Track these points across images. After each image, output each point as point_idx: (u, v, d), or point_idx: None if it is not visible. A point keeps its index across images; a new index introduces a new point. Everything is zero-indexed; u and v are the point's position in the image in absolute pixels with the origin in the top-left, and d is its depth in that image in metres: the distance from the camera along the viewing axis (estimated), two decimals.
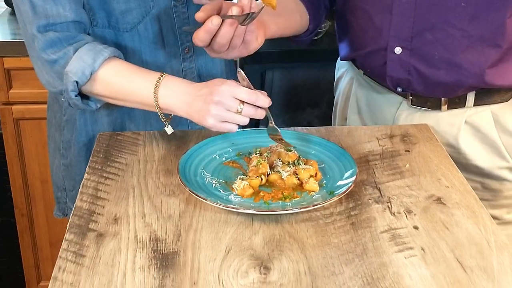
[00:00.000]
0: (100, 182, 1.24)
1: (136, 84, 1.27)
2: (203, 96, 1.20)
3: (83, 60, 1.27)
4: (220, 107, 1.18)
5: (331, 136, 1.40)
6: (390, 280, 0.99)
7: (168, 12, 1.40)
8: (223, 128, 1.20)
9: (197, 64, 1.48)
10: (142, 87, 1.26)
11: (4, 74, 2.08)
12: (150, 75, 1.27)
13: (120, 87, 1.29)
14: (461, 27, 1.34)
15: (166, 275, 1.00)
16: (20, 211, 2.27)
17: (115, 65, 1.29)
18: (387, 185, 1.23)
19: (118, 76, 1.29)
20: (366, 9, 1.44)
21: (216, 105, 1.18)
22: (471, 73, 1.38)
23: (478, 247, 1.06)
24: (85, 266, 1.02)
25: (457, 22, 1.34)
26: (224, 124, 1.20)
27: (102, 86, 1.29)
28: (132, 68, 1.30)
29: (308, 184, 1.20)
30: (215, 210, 1.15)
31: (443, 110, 1.46)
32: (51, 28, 1.28)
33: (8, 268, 2.47)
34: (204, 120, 1.20)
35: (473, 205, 1.17)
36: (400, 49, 1.41)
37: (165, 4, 1.38)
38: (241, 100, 1.19)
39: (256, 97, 1.19)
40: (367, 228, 1.11)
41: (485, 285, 0.98)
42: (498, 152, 1.45)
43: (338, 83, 1.69)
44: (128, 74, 1.28)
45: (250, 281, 0.98)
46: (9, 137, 2.16)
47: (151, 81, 1.25)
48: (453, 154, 1.43)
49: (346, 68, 1.64)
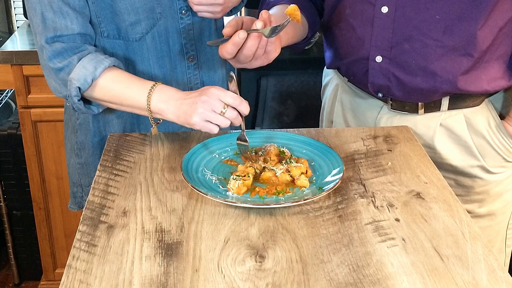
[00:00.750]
0: (110, 179, 1.23)
1: (132, 90, 1.28)
2: (192, 98, 1.21)
3: (86, 68, 1.28)
4: (207, 107, 1.19)
5: (320, 136, 1.39)
6: (374, 267, 0.99)
7: (175, 23, 1.39)
8: (205, 127, 1.20)
9: (201, 72, 1.48)
10: (137, 93, 1.27)
11: (24, 81, 2.08)
12: (145, 83, 1.28)
13: (117, 92, 1.30)
14: (436, 38, 1.34)
15: (170, 263, 0.99)
16: (38, 205, 2.27)
17: (114, 73, 1.30)
18: (371, 181, 1.22)
19: (116, 83, 1.30)
20: (349, 22, 1.43)
21: (203, 104, 1.19)
22: (445, 80, 1.37)
23: (454, 237, 1.06)
24: (96, 254, 1.02)
25: (432, 33, 1.34)
26: (207, 123, 1.20)
27: (102, 92, 1.30)
28: (129, 77, 1.31)
29: (300, 181, 1.19)
30: (215, 204, 1.15)
31: (420, 113, 1.45)
32: (58, 40, 1.30)
33: (27, 257, 2.47)
34: (189, 118, 1.20)
35: (449, 199, 1.17)
36: (381, 58, 1.41)
37: (171, 16, 1.38)
38: (226, 104, 1.19)
39: (240, 101, 1.20)
40: (353, 220, 1.11)
41: (460, 272, 0.98)
42: (470, 152, 1.45)
43: (325, 89, 1.69)
44: (125, 82, 1.30)
45: (246, 269, 0.98)
46: (27, 138, 2.16)
47: (146, 88, 1.27)
48: (430, 153, 1.42)
49: (332, 76, 1.64)
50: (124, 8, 1.33)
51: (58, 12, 1.29)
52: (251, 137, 1.34)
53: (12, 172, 2.30)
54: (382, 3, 1.35)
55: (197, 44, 1.45)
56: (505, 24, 1.34)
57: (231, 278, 0.96)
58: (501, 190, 1.50)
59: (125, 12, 1.33)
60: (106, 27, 1.35)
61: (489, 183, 1.48)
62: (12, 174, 2.31)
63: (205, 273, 0.97)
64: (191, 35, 1.43)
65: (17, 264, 2.49)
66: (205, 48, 1.47)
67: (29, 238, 2.41)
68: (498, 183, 1.49)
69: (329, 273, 0.97)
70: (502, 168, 1.47)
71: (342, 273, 0.97)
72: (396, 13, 1.35)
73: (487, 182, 1.48)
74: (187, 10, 1.40)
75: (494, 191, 1.49)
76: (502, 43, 1.37)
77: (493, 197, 1.50)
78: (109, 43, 1.37)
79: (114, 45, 1.37)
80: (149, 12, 1.35)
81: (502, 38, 1.36)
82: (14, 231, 2.41)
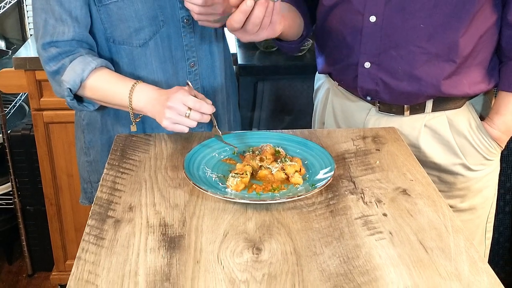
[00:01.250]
0: (117, 176, 1.23)
1: (116, 89, 1.29)
2: (162, 101, 1.23)
3: (74, 71, 1.29)
4: (173, 111, 1.21)
5: (313, 137, 1.39)
6: (363, 259, 0.98)
7: (177, 31, 1.39)
8: (175, 129, 1.23)
9: (201, 77, 1.47)
10: (120, 92, 1.28)
11: (36, 85, 2.07)
12: (126, 82, 1.29)
13: (104, 92, 1.30)
14: (420, 45, 1.34)
15: (173, 255, 0.99)
16: (50, 201, 2.26)
17: (101, 74, 1.30)
18: (360, 179, 1.22)
19: (104, 83, 1.30)
20: (340, 30, 1.43)
21: (169, 110, 1.21)
22: (429, 84, 1.37)
23: (438, 231, 1.06)
24: (104, 247, 1.01)
25: (417, 41, 1.33)
26: (176, 125, 1.22)
27: (91, 91, 1.31)
28: (114, 77, 1.31)
29: (294, 178, 1.19)
30: (215, 200, 1.14)
31: (405, 115, 1.45)
32: (54, 45, 1.30)
33: (40, 249, 2.47)
34: (161, 121, 1.23)
35: (433, 195, 1.16)
36: (369, 64, 1.40)
37: (174, 24, 1.38)
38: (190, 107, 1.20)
39: (200, 105, 1.21)
40: (343, 215, 1.10)
41: (443, 263, 0.97)
42: (452, 151, 1.45)
43: (317, 93, 1.68)
44: (110, 81, 1.30)
45: (244, 260, 0.98)
46: (40, 138, 2.15)
47: (127, 87, 1.28)
48: (415, 152, 1.42)
49: (323, 80, 1.63)
50: (129, 16, 1.32)
51: (59, 20, 1.29)
52: (249, 137, 1.34)
53: (25, 170, 2.30)
54: (370, 13, 1.35)
55: (198, 51, 1.45)
56: (485, 32, 1.34)
57: (230, 269, 0.96)
58: (481, 187, 1.50)
59: (130, 19, 1.33)
60: (111, 33, 1.35)
61: (470, 180, 1.48)
62: (26, 172, 2.30)
63: (205, 264, 0.97)
64: (192, 43, 1.42)
65: (30, 256, 2.48)
66: (206, 55, 1.47)
67: (41, 231, 2.40)
68: (478, 180, 1.48)
69: (321, 264, 0.97)
70: (482, 166, 1.47)
71: (333, 264, 0.97)
72: (383, 23, 1.35)
73: (468, 179, 1.47)
74: (189, 19, 1.40)
75: (474, 187, 1.49)
76: (482, 50, 1.37)
77: (474, 192, 1.50)
78: (115, 48, 1.37)
79: (119, 50, 1.37)
80: (152, 19, 1.34)
81: (483, 45, 1.36)
82: (28, 225, 2.41)
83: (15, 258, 2.62)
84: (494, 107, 1.44)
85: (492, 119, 1.44)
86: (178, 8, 1.38)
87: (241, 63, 2.05)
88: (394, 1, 1.32)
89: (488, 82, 1.42)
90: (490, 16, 1.34)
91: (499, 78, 1.43)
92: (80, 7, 1.30)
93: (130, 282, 0.93)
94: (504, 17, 1.36)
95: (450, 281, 0.94)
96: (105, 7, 1.32)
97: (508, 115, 1.42)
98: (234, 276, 0.94)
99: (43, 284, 2.48)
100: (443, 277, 0.94)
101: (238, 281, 0.93)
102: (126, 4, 1.32)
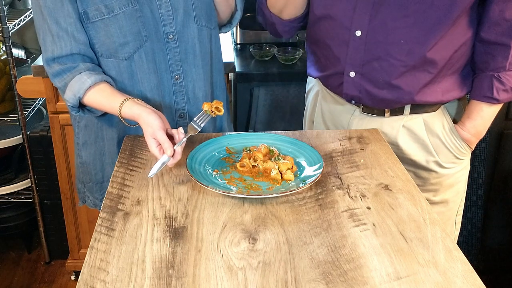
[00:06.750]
0: (126, 173, 1.22)
1: (109, 104, 1.28)
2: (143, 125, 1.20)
3: (72, 90, 1.29)
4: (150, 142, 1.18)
5: (304, 138, 1.38)
6: (349, 248, 0.97)
7: (161, 46, 1.36)
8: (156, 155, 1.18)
9: (187, 89, 1.43)
10: (112, 107, 1.27)
11: (53, 90, 2.06)
12: (117, 98, 1.27)
13: (101, 105, 1.30)
14: (400, 59, 1.33)
15: (177, 244, 0.98)
16: (65, 195, 2.24)
17: (95, 91, 1.29)
18: (346, 176, 1.21)
19: (98, 98, 1.29)
20: (328, 43, 1.43)
21: (147, 139, 1.19)
22: (407, 92, 1.37)
23: (416, 223, 1.05)
24: (115, 237, 1.00)
25: (397, 55, 1.33)
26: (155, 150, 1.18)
27: (91, 104, 1.31)
28: (107, 93, 1.29)
29: (286, 175, 1.18)
30: (215, 195, 1.13)
31: (386, 116, 1.45)
32: (57, 61, 1.30)
33: (56, 239, 2.46)
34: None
35: (412, 190, 1.16)
36: (354, 73, 1.40)
37: (157, 40, 1.35)
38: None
39: (166, 146, 1.16)
40: (331, 208, 1.09)
41: (421, 252, 0.97)
42: (427, 149, 1.45)
43: (308, 95, 1.68)
44: (104, 97, 1.29)
45: (241, 249, 0.97)
46: (56, 139, 2.14)
47: (118, 102, 1.26)
48: (394, 149, 1.41)
49: (314, 83, 1.63)
50: (114, 32, 1.30)
51: (56, 36, 1.28)
52: (246, 138, 1.34)
53: (43, 168, 2.29)
54: (356, 28, 1.35)
55: (183, 65, 1.40)
56: (460, 47, 1.35)
57: (228, 257, 0.95)
58: (452, 182, 1.50)
59: (115, 34, 1.30)
60: (99, 48, 1.32)
61: (442, 176, 1.48)
62: (43, 169, 2.29)
63: (206, 253, 0.96)
64: (177, 57, 1.38)
65: (48, 246, 2.47)
66: (191, 69, 1.42)
67: (57, 223, 2.39)
68: (450, 176, 1.49)
69: (311, 253, 0.96)
70: (453, 164, 1.47)
71: (322, 253, 0.96)
72: (367, 37, 1.34)
73: (441, 175, 1.48)
74: (173, 36, 1.36)
75: (446, 182, 1.49)
76: (457, 62, 1.37)
77: (446, 187, 1.50)
78: (104, 61, 1.34)
79: (107, 63, 1.34)
80: (135, 34, 1.32)
81: (457, 58, 1.36)
82: (45, 217, 2.40)
83: (34, 247, 2.60)
84: (466, 112, 1.44)
85: (464, 123, 1.44)
86: (162, 25, 1.34)
87: (239, 70, 2.05)
88: (378, 18, 1.32)
89: (461, 90, 1.42)
90: (465, 33, 1.34)
91: (471, 86, 1.42)
92: (74, 24, 1.28)
93: (138, 269, 0.92)
94: (477, 33, 1.36)
95: (427, 268, 0.93)
96: (93, 24, 1.30)
97: (478, 120, 1.42)
98: (232, 263, 0.93)
99: (59, 271, 2.47)
100: (421, 264, 0.94)
101: (236, 268, 0.92)
102: (111, 21, 1.29)
